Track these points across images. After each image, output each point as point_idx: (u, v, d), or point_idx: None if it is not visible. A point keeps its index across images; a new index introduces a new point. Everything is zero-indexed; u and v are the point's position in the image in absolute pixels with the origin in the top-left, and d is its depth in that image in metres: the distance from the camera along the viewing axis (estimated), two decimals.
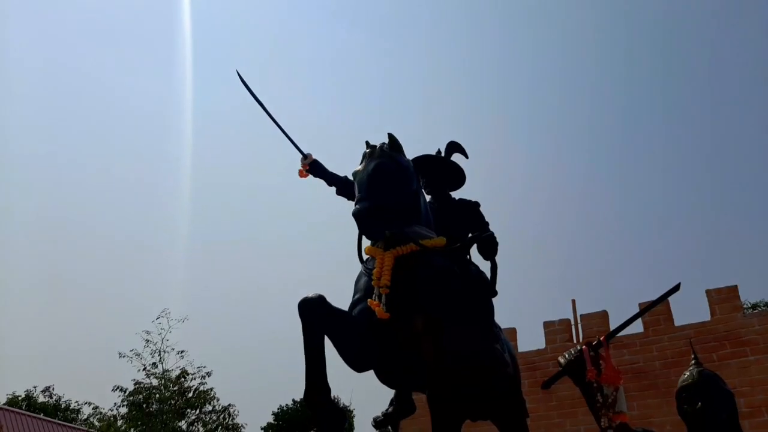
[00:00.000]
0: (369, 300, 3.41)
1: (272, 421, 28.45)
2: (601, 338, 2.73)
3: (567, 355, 2.79)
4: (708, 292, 9.19)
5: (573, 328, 9.96)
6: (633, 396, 8.56)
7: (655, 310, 9.41)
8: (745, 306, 13.35)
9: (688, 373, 3.13)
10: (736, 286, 9.09)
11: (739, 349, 8.57)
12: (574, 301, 10.14)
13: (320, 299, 3.27)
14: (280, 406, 28.75)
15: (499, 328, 4.25)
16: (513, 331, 10.34)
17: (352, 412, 27.25)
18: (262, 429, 28.51)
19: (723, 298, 9.04)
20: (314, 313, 3.21)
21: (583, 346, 2.74)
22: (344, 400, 27.50)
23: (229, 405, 16.23)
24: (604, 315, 9.92)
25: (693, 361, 3.25)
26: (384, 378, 3.99)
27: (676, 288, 2.75)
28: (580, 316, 10.06)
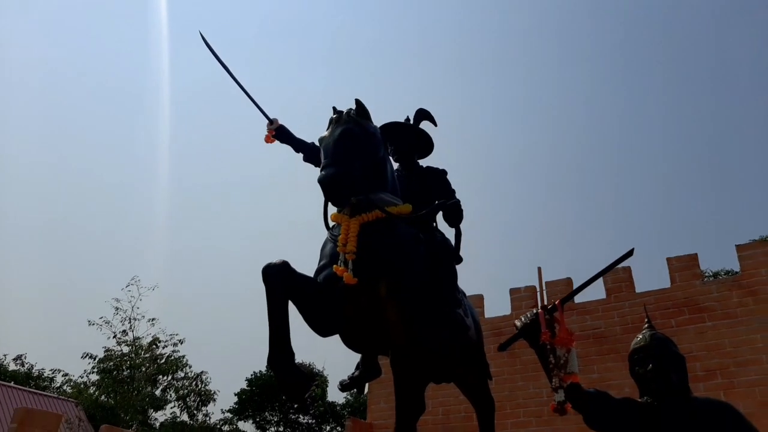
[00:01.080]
0: (334, 266, 3.45)
1: (246, 387, 28.65)
2: (557, 302, 2.82)
3: (523, 319, 2.88)
4: (669, 260, 9.46)
5: (538, 294, 10.14)
6: (594, 360, 8.86)
7: (618, 277, 9.67)
8: (706, 275, 13.76)
9: (641, 336, 3.24)
10: (695, 255, 9.38)
11: (697, 316, 8.88)
12: (540, 269, 10.28)
13: (284, 265, 3.31)
14: (254, 372, 28.95)
15: (463, 294, 4.34)
16: (480, 298, 10.54)
17: (325, 378, 27.60)
18: (235, 395, 28.73)
19: (683, 266, 9.32)
20: (278, 278, 3.24)
21: (539, 310, 2.83)
22: (318, 366, 27.89)
23: (202, 372, 16.34)
24: (568, 282, 10.16)
25: (646, 325, 3.36)
26: (349, 342, 4.06)
27: (630, 253, 2.84)
28: (546, 283, 10.26)
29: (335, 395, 29.09)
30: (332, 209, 3.76)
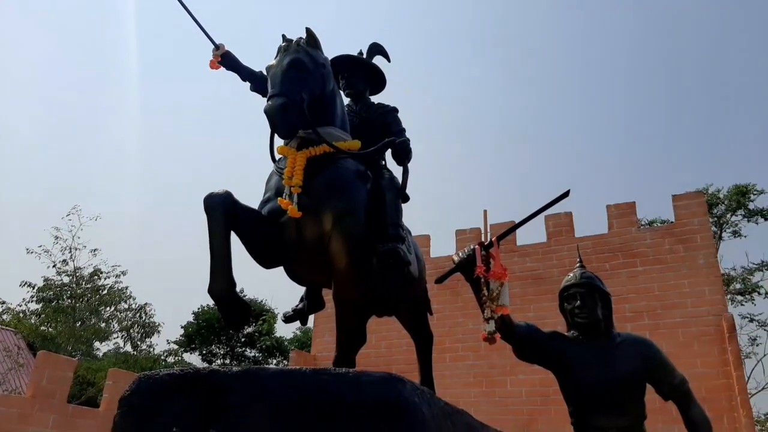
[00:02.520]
0: (279, 199, 3.44)
1: (192, 321, 28.74)
2: (493, 239, 2.92)
3: (461, 254, 2.98)
4: (608, 207, 9.81)
5: (483, 236, 10.43)
6: (531, 299, 9.25)
7: (559, 222, 9.99)
8: (643, 223, 14.36)
9: (571, 275, 3.41)
10: (633, 203, 9.75)
11: (630, 260, 9.32)
12: (485, 212, 10.53)
13: (227, 194, 3.28)
14: (201, 306, 29.00)
15: (408, 231, 4.41)
16: (426, 238, 10.75)
17: (273, 313, 27.87)
18: (182, 327, 28.81)
19: (621, 213, 9.70)
20: (220, 207, 3.22)
21: (476, 246, 2.92)
22: (268, 302, 28.13)
23: (146, 304, 16.27)
24: (511, 224, 10.45)
25: (578, 264, 3.52)
26: (293, 275, 4.10)
27: (566, 194, 2.94)
28: (490, 225, 10.52)
29: (283, 330, 29.55)
30: (279, 141, 3.72)
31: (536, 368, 8.77)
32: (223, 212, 3.21)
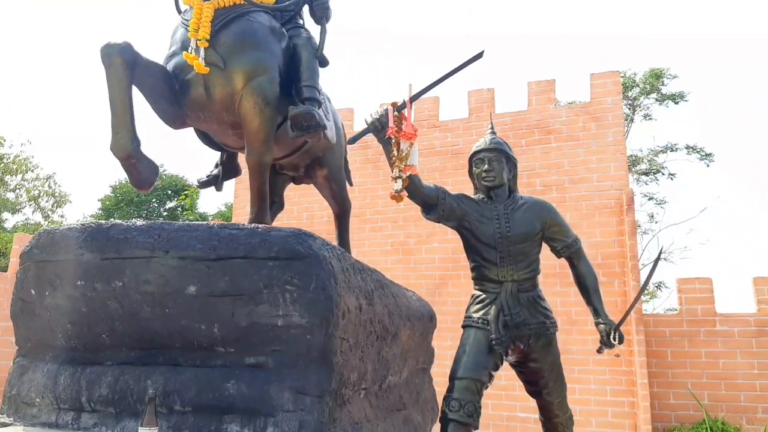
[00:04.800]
0: (185, 53, 3.24)
1: (110, 194, 27.84)
2: (406, 100, 2.91)
3: (373, 115, 2.96)
4: (529, 84, 9.94)
5: (406, 110, 10.41)
6: (450, 173, 9.49)
7: (481, 97, 10.07)
8: (563, 103, 14.68)
9: (481, 140, 3.49)
10: (553, 80, 9.91)
11: (545, 137, 9.64)
12: (410, 86, 10.45)
13: (126, 44, 3.05)
14: (118, 179, 27.99)
15: (327, 98, 4.31)
16: (350, 111, 10.62)
17: (195, 189, 27.35)
18: (99, 201, 27.92)
19: (541, 90, 9.86)
20: (119, 57, 3.00)
21: (389, 106, 2.91)
22: (190, 180, 27.42)
23: (54, 173, 15.50)
24: (435, 100, 10.47)
25: (489, 130, 3.60)
26: (203, 138, 3.97)
27: (479, 55, 2.93)
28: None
29: (206, 206, 29.19)
30: None
31: (449, 237, 9.18)
32: (122, 63, 2.99)
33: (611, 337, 3.10)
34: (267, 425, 2.44)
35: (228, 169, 4.27)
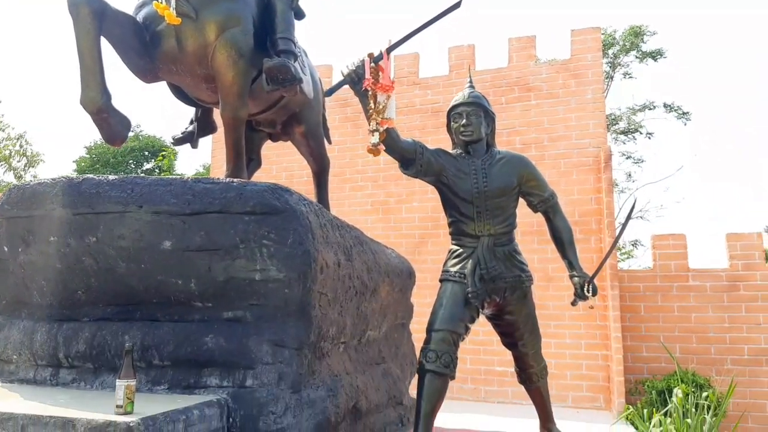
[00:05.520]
0: (155, 2, 3.14)
1: (85, 155, 27.32)
2: (383, 51, 2.86)
3: (349, 66, 2.91)
4: (510, 40, 9.84)
5: (384, 62, 10.27)
6: (430, 131, 9.44)
7: (461, 54, 9.96)
8: (543, 60, 14.56)
9: (460, 94, 3.46)
10: (534, 37, 9.81)
11: (525, 95, 9.59)
12: (390, 41, 10.28)
13: None
14: (93, 140, 27.43)
15: (304, 52, 4.22)
16: (329, 68, 10.44)
17: (173, 150, 26.93)
18: (74, 162, 27.38)
19: (521, 47, 9.77)
20: (86, 7, 2.89)
21: (365, 58, 2.86)
22: (168, 141, 26.96)
23: (25, 132, 15.13)
24: (415, 57, 10.33)
25: (468, 84, 3.57)
26: (176, 92, 3.88)
27: (457, 5, 2.88)
28: (394, 56, 10.36)
29: (184, 167, 28.82)
30: None
31: (430, 197, 9.18)
32: (89, 13, 2.89)
33: (585, 289, 3.15)
34: (246, 377, 2.47)
35: (203, 126, 4.20)
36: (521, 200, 3.36)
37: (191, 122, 4.24)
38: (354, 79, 2.89)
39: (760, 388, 8.01)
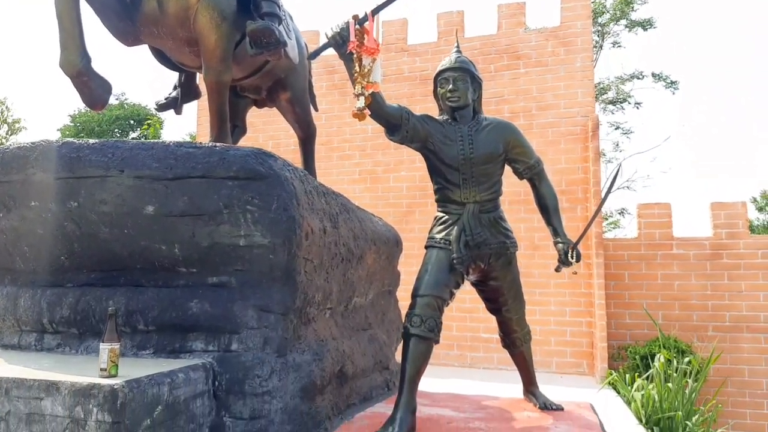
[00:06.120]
0: None
1: (69, 123, 26.92)
2: (367, 13, 2.81)
3: (334, 28, 2.86)
4: (499, 6, 9.72)
5: (375, 32, 10.15)
6: (418, 99, 9.37)
7: (450, 20, 9.84)
8: (533, 28, 14.43)
9: (446, 59, 3.42)
10: (523, 3, 9.69)
11: (514, 62, 9.52)
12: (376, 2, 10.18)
13: None
14: (77, 108, 27.01)
15: (289, 16, 4.15)
16: (315, 34, 10.28)
17: (159, 118, 26.58)
18: (58, 131, 26.98)
19: (511, 13, 9.66)
20: None
21: (350, 20, 2.81)
22: (152, 109, 26.56)
23: (5, 98, 14.82)
24: (403, 23, 10.20)
25: (455, 49, 3.52)
26: (159, 57, 3.81)
27: None
28: (382, 22, 10.22)
29: (170, 136, 28.45)
30: None
31: (417, 166, 9.18)
32: None
33: (569, 255, 3.17)
34: (231, 342, 2.48)
35: (187, 91, 4.14)
36: (507, 168, 3.36)
37: (175, 88, 4.18)
38: (338, 41, 2.84)
39: (741, 354, 8.20)
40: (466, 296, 3.20)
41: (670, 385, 5.79)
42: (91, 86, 2.97)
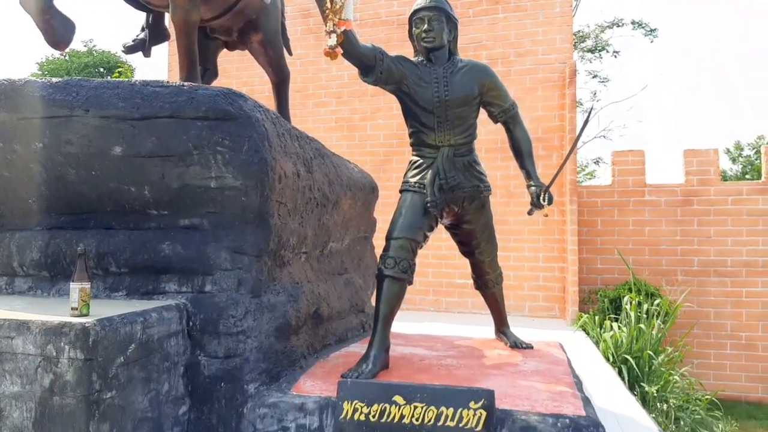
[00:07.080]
0: None
1: (36, 72, 26.03)
2: None
3: None
4: None
5: None
6: (395, 46, 9.15)
7: None
8: None
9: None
10: None
11: (492, 7, 9.33)
12: None
13: None
14: (45, 55, 26.06)
15: None
16: None
17: (130, 65, 25.79)
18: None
19: None
20: None
21: None
22: (122, 56, 25.71)
23: None
24: None
25: None
26: None
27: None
28: None
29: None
30: None
31: (394, 113, 9.07)
32: None
33: (541, 198, 3.21)
34: (205, 283, 2.49)
35: (155, 33, 4.02)
36: (485, 116, 3.34)
37: (142, 29, 4.05)
38: None
39: (707, 297, 8.47)
40: (442, 243, 3.24)
41: (641, 326, 5.99)
42: (53, 24, 2.86)
